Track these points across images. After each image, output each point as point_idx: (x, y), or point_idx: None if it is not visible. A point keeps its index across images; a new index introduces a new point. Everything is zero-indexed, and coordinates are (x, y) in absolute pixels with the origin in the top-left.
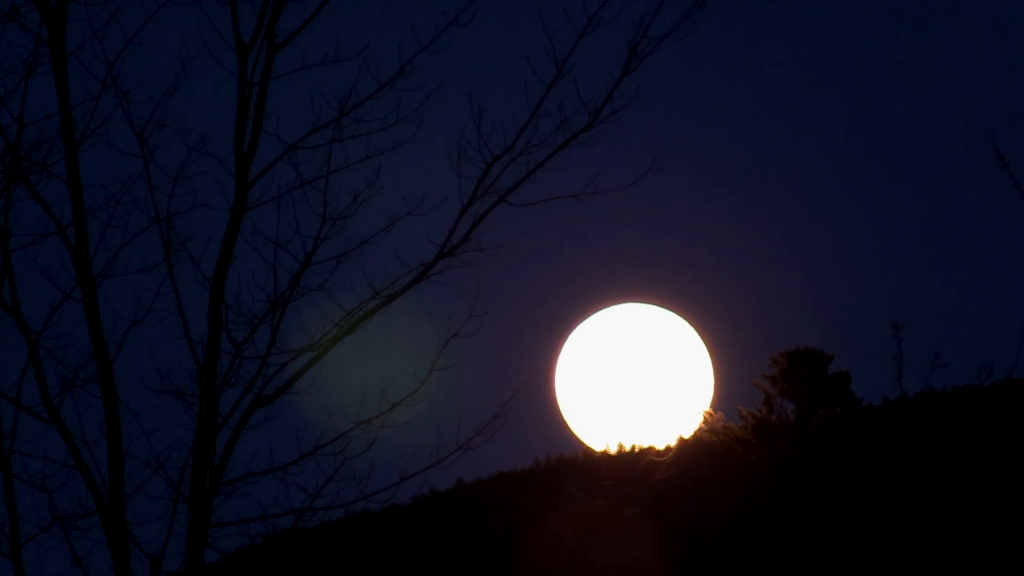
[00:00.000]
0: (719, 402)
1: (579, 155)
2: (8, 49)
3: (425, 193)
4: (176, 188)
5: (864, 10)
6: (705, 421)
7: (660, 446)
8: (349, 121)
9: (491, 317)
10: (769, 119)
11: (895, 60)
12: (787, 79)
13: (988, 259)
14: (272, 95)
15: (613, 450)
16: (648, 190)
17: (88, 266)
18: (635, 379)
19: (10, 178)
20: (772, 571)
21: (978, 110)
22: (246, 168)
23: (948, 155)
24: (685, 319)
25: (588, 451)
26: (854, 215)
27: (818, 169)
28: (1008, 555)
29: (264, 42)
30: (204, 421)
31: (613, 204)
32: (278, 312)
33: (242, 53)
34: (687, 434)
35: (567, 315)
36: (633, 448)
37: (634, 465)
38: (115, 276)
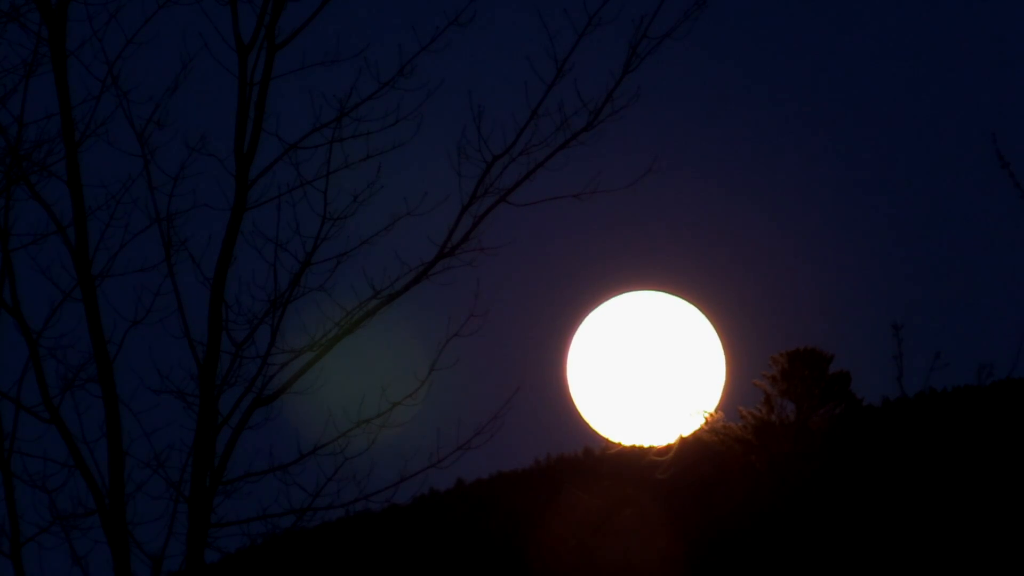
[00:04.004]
0: (732, 389)
1: (579, 155)
2: (8, 49)
3: (425, 193)
4: (176, 188)
5: (865, 10)
6: (706, 421)
7: (660, 445)
8: (349, 121)
9: (492, 317)
10: (769, 119)
11: (895, 59)
12: (787, 78)
13: (988, 259)
14: (272, 95)
15: (613, 449)
16: (651, 188)
17: (88, 266)
18: (648, 368)
19: (10, 178)
20: (773, 570)
21: (978, 110)
22: (246, 168)
23: (948, 155)
24: (695, 306)
25: (588, 450)
26: (854, 215)
27: (818, 169)
28: (1008, 555)
29: (264, 42)
30: (204, 421)
31: (616, 201)
32: (278, 312)
33: (242, 53)
34: (687, 433)
35: (574, 307)
36: (633, 447)
37: (634, 465)
38: (115, 276)
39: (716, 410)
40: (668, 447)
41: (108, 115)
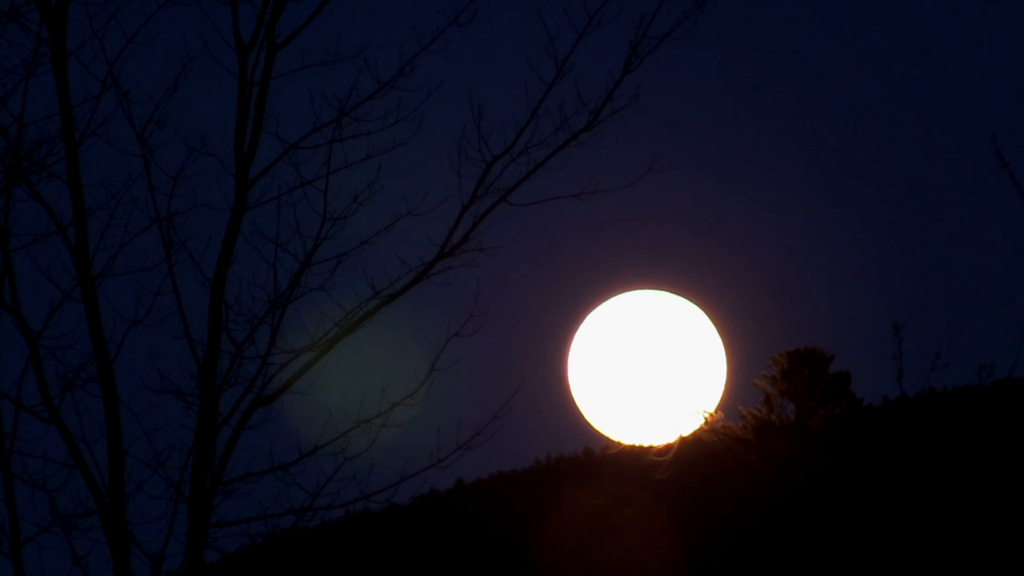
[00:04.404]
0: (733, 389)
1: (579, 155)
2: (8, 49)
3: (425, 193)
4: (176, 188)
5: (865, 9)
6: (706, 421)
7: (660, 445)
8: (349, 121)
9: (492, 317)
10: (769, 119)
11: (896, 59)
12: (787, 78)
13: (988, 259)
14: (272, 95)
15: (613, 449)
16: (653, 187)
17: (88, 266)
18: (649, 367)
19: (10, 178)
20: (773, 570)
21: (978, 110)
22: (246, 168)
23: (948, 155)
24: (697, 305)
25: (588, 450)
26: (855, 215)
27: (818, 169)
28: (1008, 554)
29: (264, 42)
30: (204, 421)
31: (617, 201)
32: (278, 312)
33: (242, 53)
34: (687, 433)
35: (575, 306)
36: (634, 447)
37: (634, 465)
38: (115, 276)
39: (717, 410)
40: (668, 447)
41: (108, 115)
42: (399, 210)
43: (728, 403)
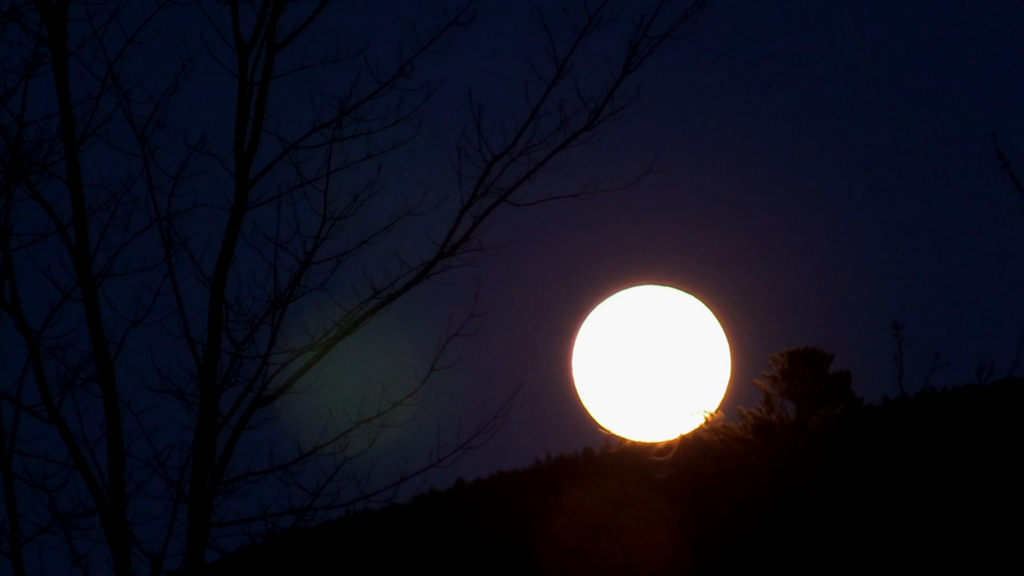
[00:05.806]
0: (737, 385)
1: (579, 155)
2: (8, 49)
3: (425, 193)
4: (176, 188)
5: (866, 9)
6: (706, 420)
7: (660, 444)
8: (349, 121)
9: (494, 316)
10: (769, 117)
11: (896, 59)
12: (787, 78)
13: (988, 259)
14: (272, 95)
15: (614, 448)
16: (656, 184)
17: (88, 266)
18: (654, 363)
19: (10, 178)
20: (773, 571)
21: (978, 110)
22: (246, 168)
23: (948, 155)
24: (701, 301)
25: (588, 450)
26: (855, 214)
27: (819, 168)
28: (1008, 554)
29: (264, 42)
30: (204, 421)
31: (621, 197)
32: (278, 312)
33: (242, 53)
34: (687, 433)
35: (579, 302)
36: (635, 444)
37: (635, 464)
38: (115, 276)
39: (720, 408)
40: (668, 446)
41: (108, 115)
42: (399, 210)
43: (734, 398)
